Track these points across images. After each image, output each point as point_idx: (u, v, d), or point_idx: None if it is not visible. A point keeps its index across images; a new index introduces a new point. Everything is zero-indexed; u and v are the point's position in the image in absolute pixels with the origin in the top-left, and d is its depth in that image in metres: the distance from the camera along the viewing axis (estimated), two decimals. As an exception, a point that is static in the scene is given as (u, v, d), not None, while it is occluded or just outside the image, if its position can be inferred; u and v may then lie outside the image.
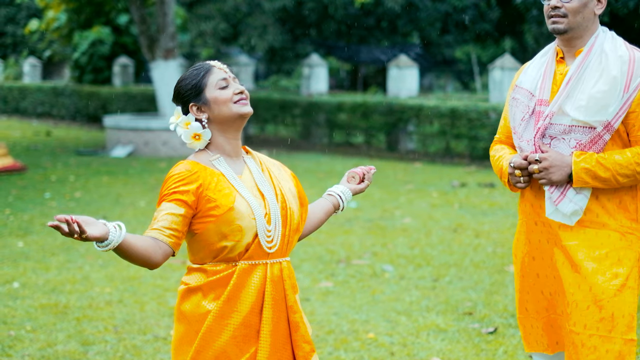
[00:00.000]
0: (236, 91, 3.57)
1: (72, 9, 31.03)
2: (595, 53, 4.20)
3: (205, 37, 35.61)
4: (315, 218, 3.89)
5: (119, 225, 3.22)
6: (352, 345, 6.78)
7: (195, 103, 3.54)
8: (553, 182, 4.18)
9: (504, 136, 4.62)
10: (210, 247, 3.46)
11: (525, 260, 4.47)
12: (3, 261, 9.66)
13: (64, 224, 3.03)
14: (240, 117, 3.55)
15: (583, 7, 4.19)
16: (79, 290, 8.44)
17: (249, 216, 3.45)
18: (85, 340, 6.93)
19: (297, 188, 3.74)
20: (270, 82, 39.23)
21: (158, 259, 3.35)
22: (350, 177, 4.05)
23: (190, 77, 3.56)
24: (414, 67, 23.65)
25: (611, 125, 4.12)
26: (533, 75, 4.39)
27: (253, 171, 3.60)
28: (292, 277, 3.62)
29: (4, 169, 17.79)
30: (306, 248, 10.18)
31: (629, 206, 4.23)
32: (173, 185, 3.42)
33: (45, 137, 27.49)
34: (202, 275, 3.49)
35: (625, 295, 4.15)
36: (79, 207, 13.37)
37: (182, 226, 3.40)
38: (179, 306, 3.53)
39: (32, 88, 35.93)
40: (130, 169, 18.74)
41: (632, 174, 4.12)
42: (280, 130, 25.11)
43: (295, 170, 17.88)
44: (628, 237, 4.20)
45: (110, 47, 32.41)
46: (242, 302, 3.46)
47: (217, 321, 3.43)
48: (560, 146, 4.21)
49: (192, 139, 3.54)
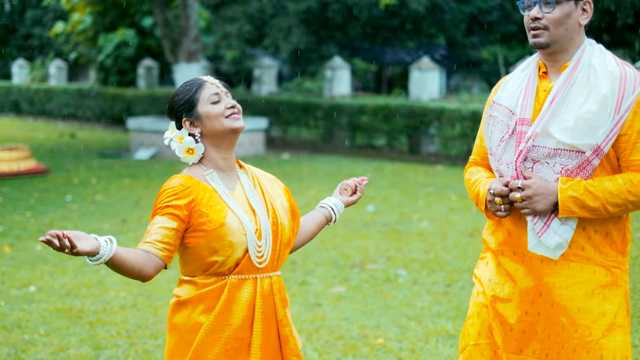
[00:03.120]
0: (228, 106, 3.61)
1: (97, 11, 31.26)
2: (583, 68, 3.79)
3: (230, 39, 35.77)
4: (308, 230, 3.94)
5: (110, 240, 3.28)
6: (360, 350, 6.82)
7: (188, 118, 3.59)
8: (537, 211, 3.76)
9: (480, 157, 4.20)
10: (201, 261, 3.53)
11: (504, 288, 3.97)
12: (21, 264, 9.77)
13: (55, 239, 3.10)
14: (231, 131, 3.60)
15: (566, 17, 3.78)
16: (94, 294, 8.53)
17: (239, 232, 3.51)
18: (98, 344, 7.01)
19: (290, 202, 3.79)
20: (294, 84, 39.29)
21: (150, 271, 3.41)
22: (343, 189, 4.09)
23: (183, 93, 3.62)
24: (435, 69, 23.65)
25: (601, 150, 3.71)
26: (513, 91, 3.97)
27: (245, 186, 3.65)
28: (282, 291, 3.67)
29: (26, 172, 17.96)
30: (321, 252, 10.23)
31: (615, 238, 3.84)
32: (166, 199, 3.48)
33: (70, 139, 27.70)
34: (193, 287, 3.56)
35: (615, 335, 3.78)
36: (99, 210, 13.48)
37: (175, 240, 3.46)
38: (171, 319, 3.60)
39: (58, 90, 36.17)
40: (152, 172, 18.84)
41: (623, 204, 3.72)
42: (302, 132, 25.16)
43: (316, 172, 17.89)
44: (614, 272, 3.82)
45: (134, 50, 32.57)
46: (234, 316, 3.52)
47: (209, 335, 3.50)
48: (544, 171, 3.80)
49: (186, 153, 3.60)
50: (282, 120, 25.17)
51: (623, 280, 3.85)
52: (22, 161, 18.20)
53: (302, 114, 24.74)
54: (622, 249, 3.86)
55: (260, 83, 27.65)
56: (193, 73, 23.38)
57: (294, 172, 18.70)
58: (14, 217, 12.88)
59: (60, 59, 41.92)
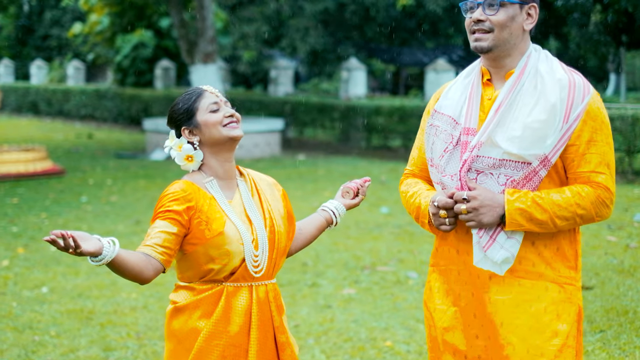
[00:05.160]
0: (226, 114, 3.64)
1: (114, 12, 31.39)
2: (529, 75, 3.62)
3: (248, 39, 35.83)
4: (308, 233, 3.98)
5: (113, 241, 3.32)
6: (368, 353, 6.85)
7: (187, 126, 3.63)
8: (483, 224, 3.56)
9: (418, 169, 3.97)
10: (197, 268, 3.57)
11: (447, 314, 3.79)
12: (34, 265, 9.84)
13: (60, 239, 3.14)
14: (230, 139, 3.63)
15: (510, 20, 3.60)
16: (105, 295, 8.58)
17: (237, 241, 3.55)
18: (107, 345, 7.06)
19: (287, 208, 3.82)
20: (311, 85, 39.31)
21: (149, 274, 3.45)
22: (345, 192, 4.10)
23: (182, 102, 3.66)
24: (451, 70, 23.68)
25: (548, 160, 3.53)
26: (456, 99, 3.76)
27: (243, 195, 3.69)
28: (277, 298, 3.71)
29: (43, 173, 18.06)
30: (333, 254, 10.27)
31: (567, 253, 3.66)
32: (167, 204, 3.52)
33: (87, 140, 27.83)
34: (189, 293, 3.60)
35: (567, 356, 3.60)
36: (113, 211, 13.55)
37: (175, 244, 3.50)
38: (168, 325, 3.64)
39: (76, 90, 36.34)
40: (167, 172, 18.89)
41: (571, 217, 3.55)
42: (318, 133, 25.21)
43: (331, 174, 17.87)
44: (567, 289, 3.64)
45: (152, 50, 32.73)
46: (231, 323, 3.56)
47: (207, 342, 3.54)
48: (488, 182, 3.60)
49: (185, 161, 3.64)
50: (298, 121, 25.23)
51: (577, 297, 3.68)
52: (39, 162, 18.31)
53: (318, 115, 24.79)
54: (575, 264, 3.69)
55: (276, 84, 27.73)
56: (209, 74, 23.46)
57: (309, 173, 18.75)
58: (28, 218, 12.97)
59: (78, 60, 42.16)
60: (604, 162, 3.59)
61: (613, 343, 6.88)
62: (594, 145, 3.57)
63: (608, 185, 3.59)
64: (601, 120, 3.60)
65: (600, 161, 3.58)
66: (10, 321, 7.72)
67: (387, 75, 45.01)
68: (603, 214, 3.61)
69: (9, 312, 8.01)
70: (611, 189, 3.60)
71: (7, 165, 17.79)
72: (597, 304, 7.93)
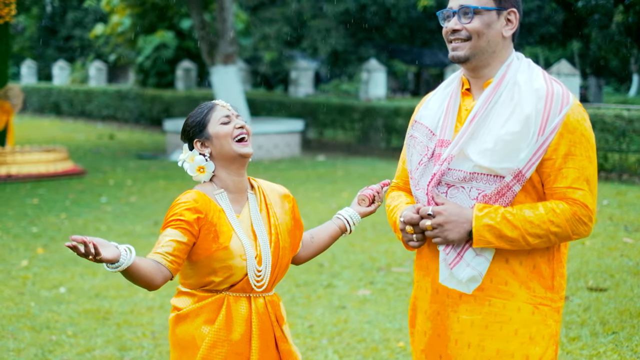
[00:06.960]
0: (237, 125, 3.71)
1: (136, 13, 31.55)
2: (507, 85, 3.44)
3: (268, 40, 35.88)
4: (320, 241, 4.04)
5: (129, 249, 3.40)
6: (381, 354, 6.89)
7: (199, 139, 3.72)
8: (449, 241, 3.40)
9: (402, 181, 3.84)
10: (199, 278, 3.66)
11: (425, 336, 3.64)
12: (53, 266, 9.94)
13: (81, 245, 3.22)
14: (240, 156, 3.70)
15: (486, 27, 3.44)
16: (122, 295, 8.66)
17: (240, 257, 3.62)
18: (123, 345, 7.14)
19: (295, 217, 3.89)
20: (332, 86, 39.35)
21: (159, 282, 3.53)
22: (361, 200, 4.11)
23: (195, 115, 3.75)
24: (470, 72, 23.64)
25: (522, 175, 3.34)
26: (435, 109, 3.62)
27: (252, 210, 3.76)
28: (277, 309, 3.79)
29: (63, 173, 18.19)
30: (349, 255, 10.32)
31: (544, 272, 3.46)
32: (179, 212, 3.60)
33: (108, 141, 27.98)
34: (191, 299, 3.69)
35: None
36: (132, 212, 13.64)
37: (184, 254, 3.58)
38: (172, 333, 3.72)
39: (98, 91, 36.49)
40: (187, 174, 18.87)
41: (544, 235, 3.35)
42: (338, 134, 25.24)
43: (350, 175, 17.86)
44: (542, 310, 3.45)
45: (173, 51, 32.83)
46: (233, 331, 3.64)
47: (210, 350, 3.61)
48: (459, 196, 3.44)
49: (197, 172, 3.73)
50: (318, 122, 25.28)
51: (553, 319, 3.48)
52: (59, 162, 18.45)
53: (338, 116, 24.82)
54: (551, 284, 3.47)
55: (297, 85, 27.78)
56: (230, 75, 23.53)
57: (328, 174, 18.79)
58: (48, 219, 13.08)
59: (100, 61, 42.31)
60: (583, 177, 3.38)
61: (625, 345, 6.90)
62: (572, 159, 3.37)
63: (586, 201, 3.38)
64: (580, 133, 3.39)
65: (579, 176, 3.37)
66: (28, 321, 7.82)
67: (409, 76, 44.99)
68: (580, 231, 3.41)
69: (27, 311, 8.11)
70: (589, 206, 3.39)
71: (29, 166, 17.94)
72: (611, 305, 7.94)
